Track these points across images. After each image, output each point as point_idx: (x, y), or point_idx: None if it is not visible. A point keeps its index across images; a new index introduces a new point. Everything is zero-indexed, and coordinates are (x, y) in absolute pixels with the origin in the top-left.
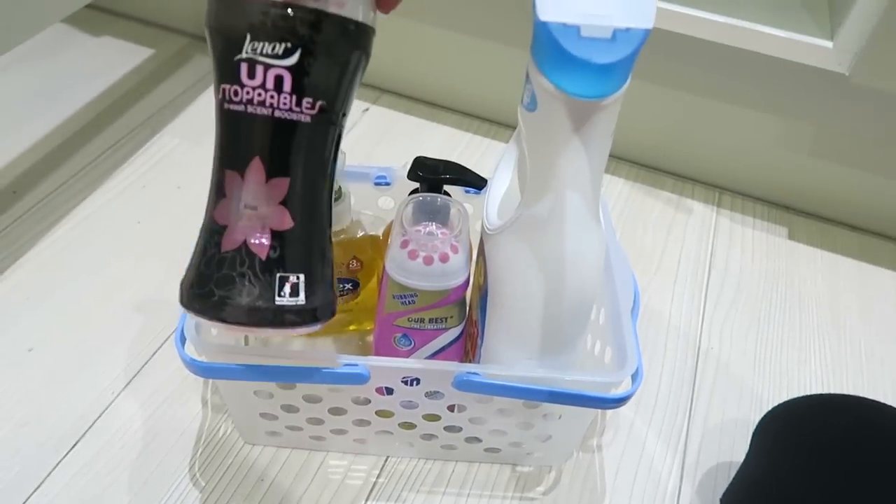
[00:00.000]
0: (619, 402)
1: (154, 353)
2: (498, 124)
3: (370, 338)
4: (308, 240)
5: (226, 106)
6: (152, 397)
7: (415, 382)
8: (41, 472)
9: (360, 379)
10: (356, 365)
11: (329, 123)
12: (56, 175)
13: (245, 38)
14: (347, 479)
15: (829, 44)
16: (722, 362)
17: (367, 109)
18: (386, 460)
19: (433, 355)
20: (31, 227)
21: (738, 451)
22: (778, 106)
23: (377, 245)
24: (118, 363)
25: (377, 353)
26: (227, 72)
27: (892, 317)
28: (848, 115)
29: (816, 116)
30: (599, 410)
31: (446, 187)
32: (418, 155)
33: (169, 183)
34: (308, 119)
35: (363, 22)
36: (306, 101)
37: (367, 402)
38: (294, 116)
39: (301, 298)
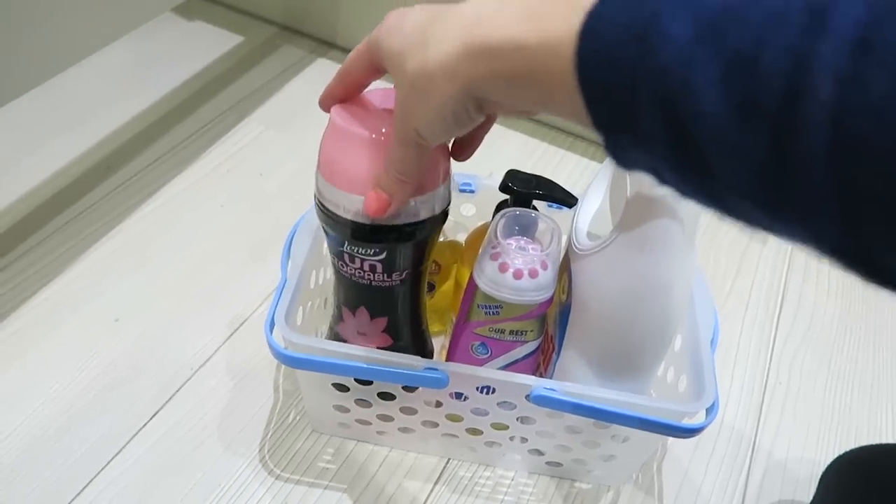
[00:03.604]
0: (692, 432)
1: (232, 334)
2: (574, 136)
3: (437, 340)
4: (406, 349)
5: (338, 270)
6: (228, 376)
7: (489, 391)
8: (125, 437)
9: (438, 383)
10: (436, 370)
11: (416, 278)
12: (147, 153)
13: (344, 241)
14: (408, 477)
15: None
16: (789, 399)
17: None
18: (447, 462)
19: (507, 366)
20: (122, 202)
21: (801, 490)
22: None
23: (457, 250)
24: (198, 340)
25: (452, 358)
26: (335, 252)
27: None
28: None
29: None
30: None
31: (534, 202)
32: (511, 168)
33: (252, 169)
34: (398, 282)
35: (435, 215)
36: (395, 274)
37: (440, 405)
38: (386, 283)
39: None
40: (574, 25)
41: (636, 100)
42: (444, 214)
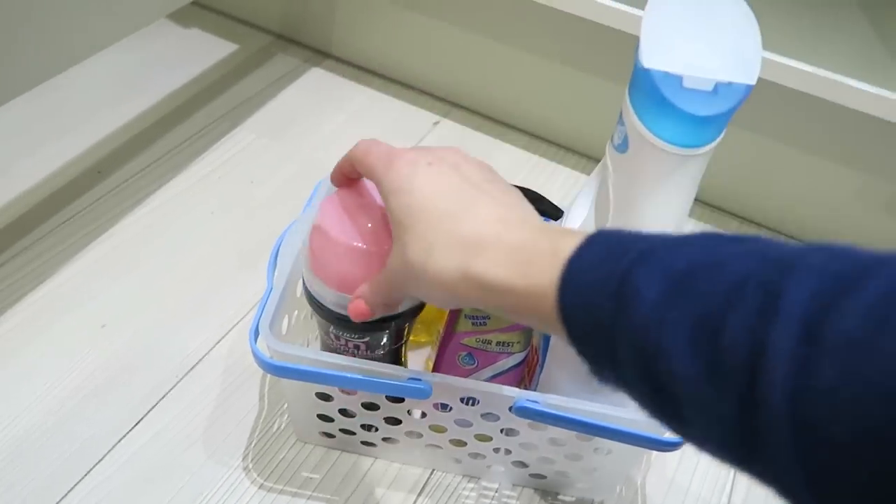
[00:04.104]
0: (675, 445)
1: (219, 341)
2: (566, 149)
3: (423, 350)
4: None
5: (324, 340)
6: (215, 383)
7: (473, 402)
8: (106, 445)
9: (422, 394)
10: (419, 380)
11: (398, 349)
12: (139, 159)
13: (329, 326)
14: (392, 488)
15: None
16: None
17: (437, 122)
18: (431, 473)
19: (492, 377)
20: (112, 207)
21: None
22: (858, 160)
23: None
24: (185, 347)
25: (438, 368)
26: (322, 328)
27: None
28: None
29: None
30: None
31: None
32: None
33: (243, 176)
34: (383, 353)
35: (415, 305)
36: (378, 350)
37: (423, 415)
38: (371, 355)
39: None
40: (555, 277)
41: (615, 350)
42: (421, 306)
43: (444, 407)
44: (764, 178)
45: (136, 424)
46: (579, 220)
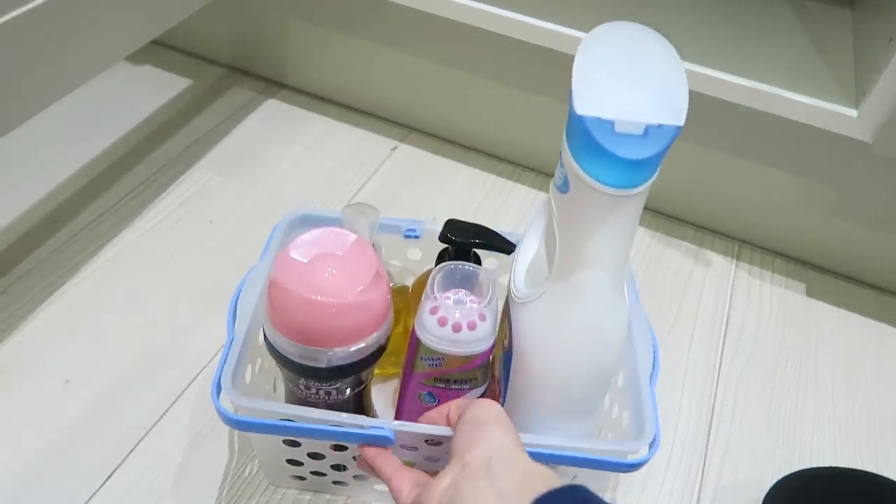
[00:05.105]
0: (634, 467)
1: (184, 390)
2: (522, 167)
3: (393, 381)
4: None
5: (290, 390)
6: (182, 434)
7: (436, 442)
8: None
9: (386, 441)
10: (382, 427)
11: (364, 388)
12: (94, 206)
13: (298, 378)
14: None
15: (853, 112)
16: (736, 421)
17: (395, 148)
18: None
19: None
20: (70, 257)
21: None
22: (800, 167)
23: (405, 295)
24: (150, 398)
25: (401, 406)
26: (288, 378)
27: None
28: (870, 181)
29: (838, 179)
30: None
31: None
32: (450, 218)
33: (201, 217)
34: (348, 394)
35: (381, 345)
36: (348, 391)
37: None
38: (340, 398)
39: None
40: None
41: None
42: (388, 342)
43: (411, 448)
44: (713, 187)
45: (106, 481)
46: (530, 255)
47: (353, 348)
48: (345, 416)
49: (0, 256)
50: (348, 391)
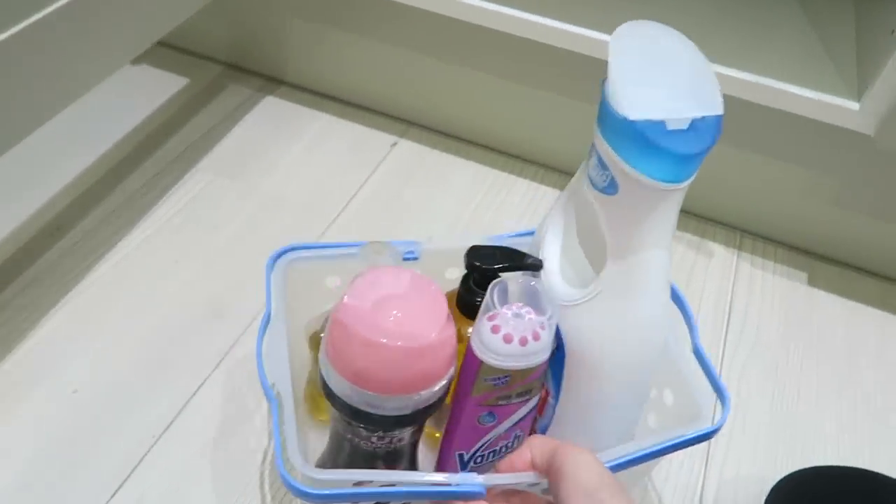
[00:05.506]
0: (714, 432)
1: (192, 396)
2: (524, 161)
3: None
4: None
5: (349, 436)
6: (191, 441)
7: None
8: None
9: (478, 496)
10: (475, 484)
11: (420, 435)
12: (95, 212)
13: (366, 430)
14: None
15: (855, 105)
16: (739, 415)
17: (395, 144)
18: None
19: (511, 426)
20: (72, 266)
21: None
22: (803, 158)
23: None
24: (158, 405)
25: (454, 434)
26: (346, 428)
27: None
28: (873, 171)
29: (841, 170)
30: None
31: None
32: (473, 244)
33: (204, 220)
34: (406, 440)
35: (433, 403)
36: (398, 439)
37: None
38: (400, 445)
39: None
40: None
41: None
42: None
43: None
44: (714, 178)
45: (117, 491)
46: (556, 260)
47: (436, 388)
48: (440, 477)
49: (4, 266)
50: (407, 437)
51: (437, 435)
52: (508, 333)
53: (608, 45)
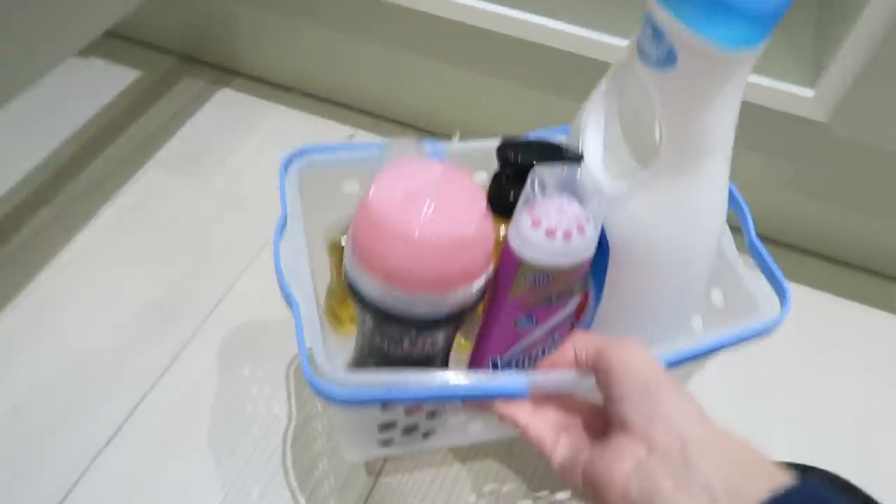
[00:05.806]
0: (776, 325)
1: (138, 405)
2: None
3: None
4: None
5: (378, 342)
6: (136, 452)
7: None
8: None
9: (521, 395)
10: (518, 383)
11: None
12: (43, 214)
13: (399, 333)
14: None
15: (810, 92)
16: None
17: (352, 135)
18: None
19: (550, 330)
20: (16, 271)
21: None
22: (757, 145)
23: None
24: (102, 417)
25: (489, 338)
26: (375, 334)
27: (851, 348)
28: (827, 159)
29: (795, 157)
30: None
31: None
32: (505, 138)
33: (155, 220)
34: (441, 343)
35: (470, 305)
36: (431, 342)
37: None
38: (434, 349)
39: None
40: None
41: None
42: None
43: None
44: None
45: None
46: (598, 152)
47: (473, 287)
48: (482, 377)
49: None
50: (441, 341)
51: (464, 342)
52: (551, 227)
53: None
